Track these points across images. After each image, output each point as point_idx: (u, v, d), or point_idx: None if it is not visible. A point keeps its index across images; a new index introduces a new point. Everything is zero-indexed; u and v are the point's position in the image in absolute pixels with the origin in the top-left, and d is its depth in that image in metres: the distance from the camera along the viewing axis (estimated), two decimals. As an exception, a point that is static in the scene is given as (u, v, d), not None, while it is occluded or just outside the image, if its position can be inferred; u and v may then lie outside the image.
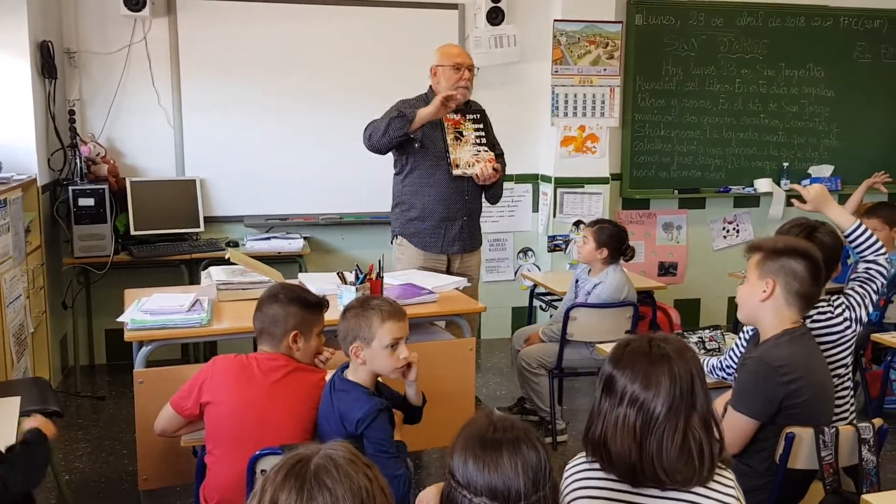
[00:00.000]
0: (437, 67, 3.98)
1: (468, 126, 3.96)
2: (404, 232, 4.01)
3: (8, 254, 3.72)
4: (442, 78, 3.93)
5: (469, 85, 3.92)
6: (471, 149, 3.92)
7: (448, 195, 3.92)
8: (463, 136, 3.93)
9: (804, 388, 2.33)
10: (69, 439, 3.97)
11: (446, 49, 4.04)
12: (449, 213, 3.95)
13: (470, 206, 4.02)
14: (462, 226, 3.99)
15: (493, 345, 5.35)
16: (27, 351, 3.98)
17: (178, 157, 4.88)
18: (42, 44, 4.34)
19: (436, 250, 3.98)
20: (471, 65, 3.96)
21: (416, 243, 3.99)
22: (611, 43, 5.21)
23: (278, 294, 2.48)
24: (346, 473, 1.24)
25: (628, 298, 3.92)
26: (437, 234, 3.96)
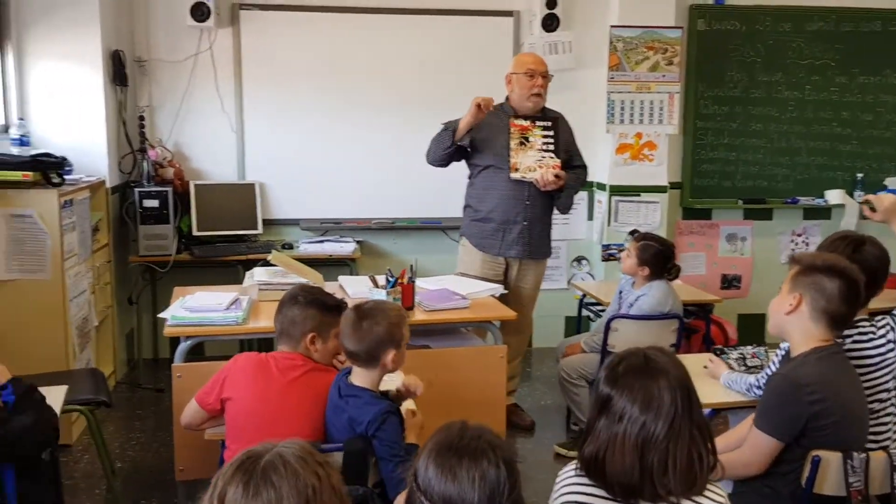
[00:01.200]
0: (511, 75, 4.03)
1: (536, 132, 3.94)
2: (467, 232, 4.10)
3: (73, 251, 3.95)
4: (516, 85, 3.98)
5: (542, 92, 3.95)
6: (535, 154, 3.92)
7: (508, 198, 3.95)
8: (528, 142, 3.93)
9: (831, 410, 2.25)
10: (126, 429, 4.18)
11: (520, 57, 4.12)
12: (508, 217, 3.97)
13: (530, 212, 3.99)
14: (521, 230, 3.99)
15: (544, 354, 5.33)
16: (90, 343, 4.21)
17: (239, 162, 5.07)
18: (114, 53, 4.58)
19: (494, 252, 4.02)
20: (545, 72, 3.98)
21: (476, 244, 4.05)
22: (670, 49, 5.12)
23: (297, 296, 2.55)
24: (294, 471, 1.26)
25: (673, 311, 3.85)
26: (496, 236, 4.00)
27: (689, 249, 5.62)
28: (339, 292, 3.50)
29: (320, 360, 2.55)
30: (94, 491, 3.51)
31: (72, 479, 3.57)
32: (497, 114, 3.94)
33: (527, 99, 3.93)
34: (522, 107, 3.96)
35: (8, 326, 3.65)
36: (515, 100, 3.98)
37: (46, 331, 3.76)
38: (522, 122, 3.94)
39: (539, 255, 4.14)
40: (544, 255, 4.18)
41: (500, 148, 3.92)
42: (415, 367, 3.03)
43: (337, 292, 3.48)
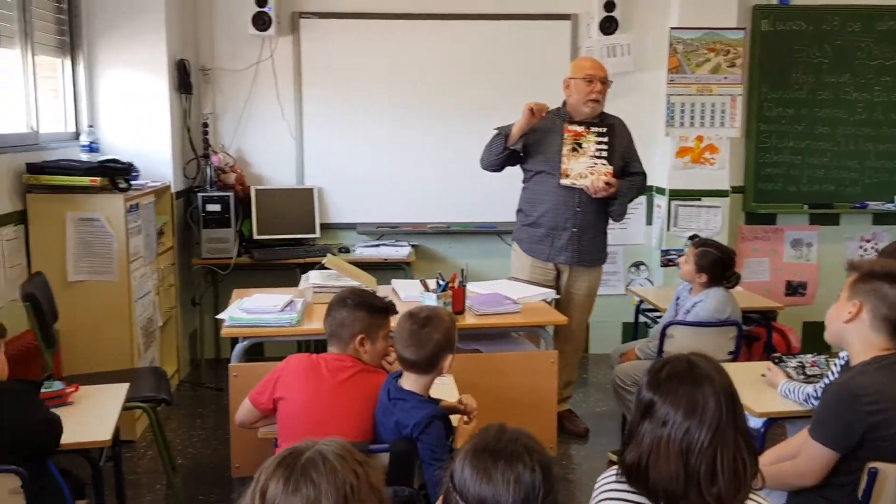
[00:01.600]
0: (569, 80, 3.98)
1: (590, 138, 3.88)
2: (518, 237, 4.11)
3: (139, 253, 4.08)
4: (574, 90, 3.95)
5: (600, 98, 3.91)
6: (587, 160, 3.87)
7: (558, 204, 3.92)
8: (581, 148, 3.88)
9: (891, 420, 2.17)
10: (188, 426, 4.29)
11: (579, 61, 4.09)
12: (557, 223, 3.94)
13: (581, 219, 3.95)
14: (571, 237, 3.95)
15: (600, 360, 5.28)
16: (155, 343, 4.35)
17: (298, 167, 5.17)
18: (179, 62, 4.73)
19: (543, 257, 4.01)
20: (604, 77, 3.93)
21: (526, 249, 4.05)
22: (732, 50, 5.02)
23: (346, 299, 2.58)
24: (333, 468, 1.28)
25: (731, 319, 3.77)
26: (545, 241, 3.98)
27: (753, 255, 5.49)
28: (391, 295, 3.54)
29: (369, 362, 2.58)
30: (155, 486, 3.61)
31: (135, 475, 3.69)
32: (552, 118, 3.93)
33: (584, 104, 3.90)
34: (579, 112, 3.92)
35: (76, 326, 3.80)
36: (573, 104, 3.95)
37: (112, 330, 3.89)
38: (576, 128, 3.90)
39: (590, 262, 4.08)
40: (597, 262, 4.12)
41: (553, 153, 3.89)
42: (465, 370, 3.06)
43: (389, 295, 3.53)
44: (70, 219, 3.79)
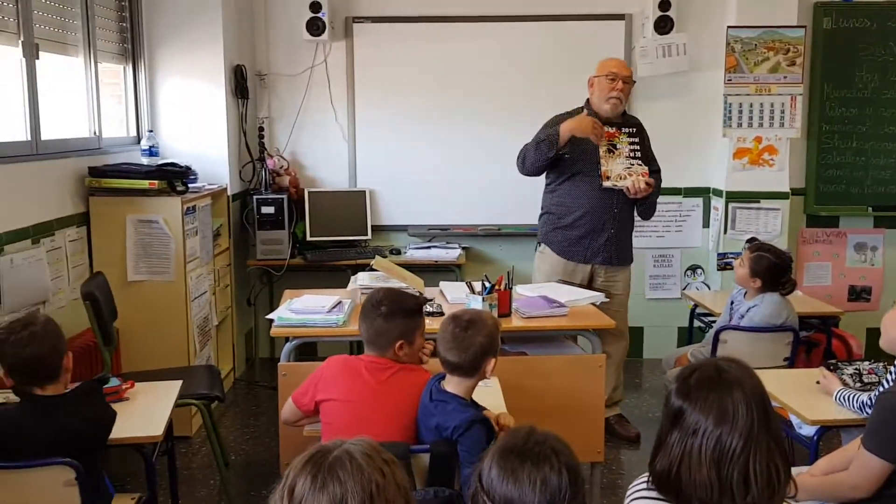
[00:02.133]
0: (593, 78, 4.01)
1: (623, 139, 3.92)
2: (548, 240, 4.05)
3: (196, 254, 4.19)
4: (596, 88, 3.97)
5: (621, 95, 3.91)
6: (623, 161, 3.89)
7: (597, 206, 3.91)
8: (616, 149, 3.90)
9: (949, 431, 2.11)
10: (242, 424, 4.39)
11: (604, 61, 4.06)
12: (596, 225, 3.93)
13: (618, 220, 3.97)
14: (608, 238, 3.95)
15: (654, 365, 5.20)
16: (210, 342, 4.45)
17: (350, 170, 5.24)
18: (236, 67, 4.84)
19: (578, 259, 3.98)
20: (627, 76, 3.94)
21: (558, 251, 4.01)
22: (792, 49, 4.89)
23: (380, 306, 2.56)
24: (359, 467, 1.30)
25: (787, 324, 3.68)
26: (581, 243, 3.96)
27: (814, 259, 5.34)
28: (438, 297, 3.56)
29: (408, 361, 2.60)
30: (208, 481, 3.70)
31: (189, 470, 3.78)
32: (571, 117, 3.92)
33: (605, 101, 3.90)
34: (600, 109, 3.94)
35: (135, 324, 3.91)
36: (595, 102, 3.97)
37: (169, 329, 4.00)
38: (609, 129, 3.91)
39: (625, 262, 4.09)
40: (629, 260, 4.13)
41: (588, 155, 3.88)
42: (511, 373, 3.06)
43: (437, 297, 3.55)
44: (130, 221, 3.91)
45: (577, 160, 3.90)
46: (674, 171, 5.24)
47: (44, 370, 2.26)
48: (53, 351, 2.27)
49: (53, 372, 2.28)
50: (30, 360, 2.24)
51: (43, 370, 2.26)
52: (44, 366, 2.26)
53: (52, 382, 2.28)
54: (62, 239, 3.64)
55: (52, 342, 2.27)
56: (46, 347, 2.25)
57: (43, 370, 2.26)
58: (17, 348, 2.23)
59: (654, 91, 5.16)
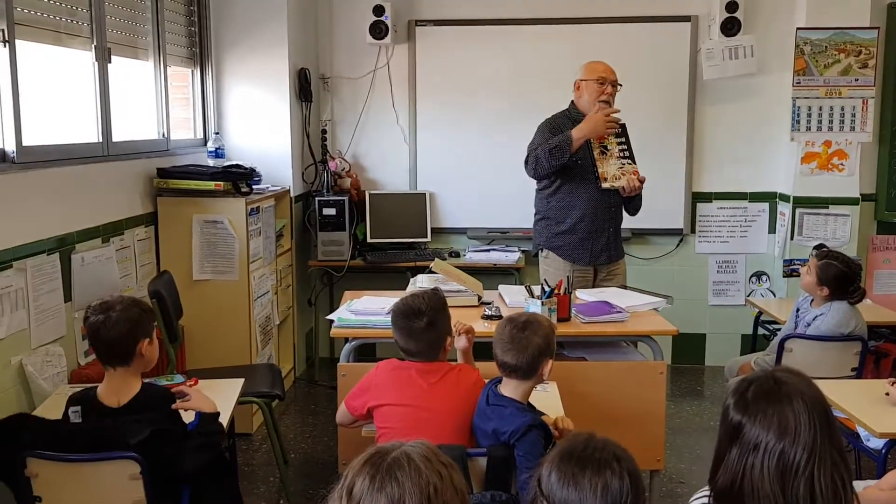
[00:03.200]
0: (580, 81, 4.01)
1: (612, 140, 3.93)
2: (551, 245, 4.04)
3: (259, 255, 4.27)
4: (585, 92, 3.98)
5: (610, 99, 3.93)
6: (616, 162, 3.92)
7: (596, 208, 3.94)
8: (608, 150, 3.92)
9: None
10: (301, 423, 4.45)
11: (591, 64, 4.06)
12: (596, 226, 3.95)
13: (615, 218, 4.03)
14: (609, 237, 4.00)
15: (717, 372, 5.09)
16: (272, 341, 4.53)
17: (411, 172, 5.27)
18: (300, 71, 4.91)
19: (584, 262, 3.99)
20: (615, 80, 3.98)
21: (564, 255, 4.00)
22: (864, 50, 4.75)
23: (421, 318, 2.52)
24: (417, 469, 1.30)
25: (856, 333, 3.56)
26: (585, 246, 3.97)
27: (885, 267, 5.16)
28: (497, 301, 3.55)
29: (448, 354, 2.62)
30: (268, 478, 3.76)
31: (249, 467, 3.85)
32: (565, 122, 3.96)
33: (595, 105, 3.91)
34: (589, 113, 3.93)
35: (200, 322, 4.00)
36: (584, 106, 3.97)
37: (232, 328, 4.08)
38: None
39: (621, 255, 4.14)
40: (622, 255, 4.15)
41: (584, 158, 3.89)
42: (570, 379, 3.04)
43: (495, 301, 3.54)
44: (196, 221, 4.01)
45: (573, 166, 3.90)
46: (740, 175, 5.17)
47: (117, 353, 2.35)
48: (127, 337, 2.34)
49: (126, 356, 2.35)
50: (104, 343, 2.35)
51: (116, 353, 2.35)
52: (116, 349, 2.34)
53: (123, 365, 2.35)
54: (131, 238, 3.75)
55: (127, 328, 2.33)
56: (119, 333, 2.32)
57: (116, 353, 2.35)
58: (93, 330, 2.36)
59: (719, 94, 5.07)
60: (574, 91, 4.04)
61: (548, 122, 4.01)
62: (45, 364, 3.00)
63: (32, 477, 2.28)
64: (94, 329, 2.35)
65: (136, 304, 2.43)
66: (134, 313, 2.37)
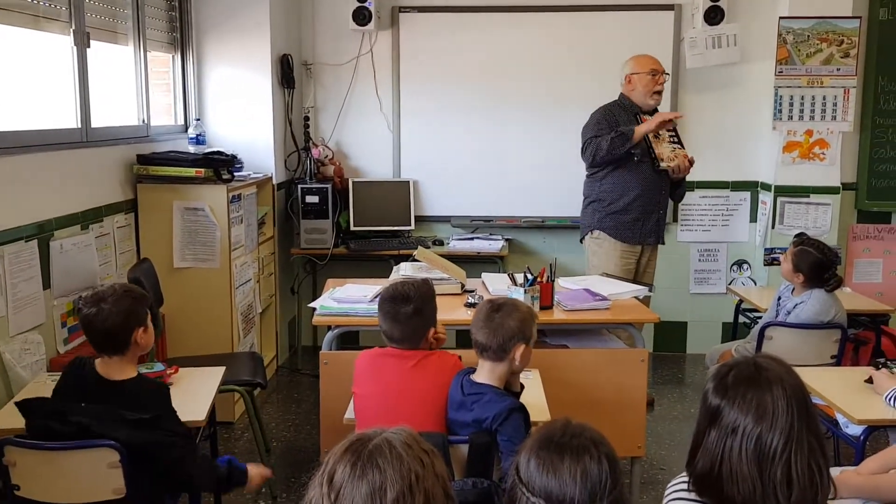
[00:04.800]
0: (632, 76, 4.23)
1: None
2: (603, 226, 4.24)
3: (240, 242, 4.24)
4: (638, 84, 4.21)
5: (662, 90, 4.22)
6: (668, 146, 4.17)
7: (650, 189, 4.16)
8: (660, 136, 4.16)
9: None
10: (283, 411, 4.44)
11: (640, 58, 4.27)
12: (649, 206, 4.19)
13: (665, 200, 4.28)
14: (658, 218, 4.23)
15: (698, 360, 5.12)
16: (254, 329, 4.51)
17: (395, 160, 5.25)
18: (282, 57, 4.87)
19: (633, 241, 4.21)
20: (664, 70, 4.24)
21: (615, 235, 4.21)
22: (846, 40, 4.77)
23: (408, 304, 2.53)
24: (399, 456, 1.30)
25: (835, 321, 3.59)
26: (636, 225, 4.20)
27: (865, 255, 5.21)
28: (480, 289, 3.55)
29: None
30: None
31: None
32: (619, 111, 4.20)
33: (650, 97, 4.18)
34: (645, 104, 4.20)
35: (180, 310, 3.97)
36: (638, 98, 4.20)
37: (214, 316, 4.05)
38: (648, 117, 4.17)
39: (663, 239, 4.37)
40: (663, 237, 4.39)
41: (637, 147, 4.09)
42: (552, 366, 3.05)
43: (479, 289, 3.54)
44: (177, 208, 3.97)
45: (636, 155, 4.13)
46: (721, 164, 5.20)
47: (112, 344, 2.36)
48: (120, 327, 2.34)
49: (121, 346, 2.36)
50: (98, 334, 2.35)
51: (111, 344, 2.36)
52: (111, 340, 2.35)
53: (119, 355, 2.36)
54: (110, 225, 3.71)
55: (121, 319, 2.33)
56: (112, 324, 2.33)
57: (111, 344, 2.36)
58: (86, 322, 2.36)
59: (702, 83, 5.09)
60: (625, 84, 4.25)
61: (603, 111, 4.23)
62: (23, 352, 2.97)
63: (10, 466, 2.26)
64: (87, 321, 2.35)
65: (129, 293, 2.42)
66: (126, 303, 2.36)
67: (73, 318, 3.32)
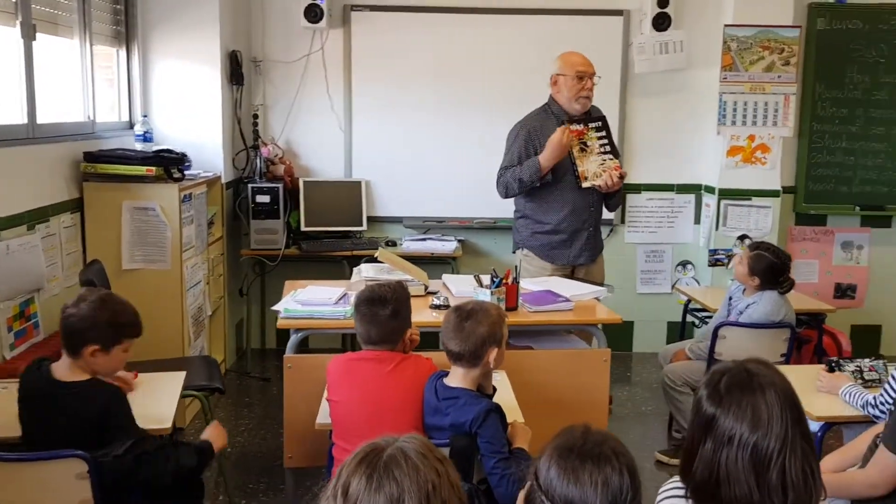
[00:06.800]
0: (558, 76, 3.91)
1: (591, 135, 3.88)
2: (530, 244, 3.99)
3: (191, 243, 4.13)
4: (563, 87, 3.89)
5: (591, 94, 3.88)
6: (596, 158, 3.87)
7: (576, 208, 3.90)
8: (587, 147, 3.86)
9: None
10: (235, 415, 4.34)
11: (568, 57, 3.95)
12: (577, 226, 3.92)
13: (594, 217, 3.99)
14: (588, 237, 3.96)
15: (645, 359, 5.24)
16: (204, 332, 4.40)
17: (346, 160, 5.19)
18: (231, 53, 4.76)
19: (563, 262, 3.96)
20: (593, 73, 3.90)
21: (543, 256, 3.96)
22: (787, 48, 4.94)
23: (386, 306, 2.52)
24: (415, 466, 1.28)
25: (785, 321, 3.72)
26: (564, 245, 3.94)
27: (802, 256, 5.41)
28: (443, 290, 3.54)
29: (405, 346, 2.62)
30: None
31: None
32: (545, 119, 3.90)
33: (575, 101, 3.86)
34: (570, 108, 3.89)
35: (130, 313, 3.83)
36: (563, 102, 3.91)
37: (164, 318, 3.92)
38: (577, 127, 3.85)
39: (600, 252, 4.10)
40: (601, 250, 4.12)
41: (563, 160, 3.82)
42: (518, 367, 3.06)
43: (441, 290, 3.53)
44: (126, 208, 3.84)
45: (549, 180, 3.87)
46: (667, 167, 5.31)
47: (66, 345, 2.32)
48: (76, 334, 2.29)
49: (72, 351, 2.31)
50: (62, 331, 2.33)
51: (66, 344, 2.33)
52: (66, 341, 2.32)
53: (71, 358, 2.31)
54: (57, 225, 3.56)
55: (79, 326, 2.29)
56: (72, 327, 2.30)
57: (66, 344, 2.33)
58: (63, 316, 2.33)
59: (650, 87, 5.19)
60: (551, 86, 3.95)
61: (524, 127, 3.92)
62: (-32, 358, 2.84)
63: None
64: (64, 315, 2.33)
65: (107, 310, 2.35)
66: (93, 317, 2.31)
67: (18, 322, 3.19)
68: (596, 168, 3.84)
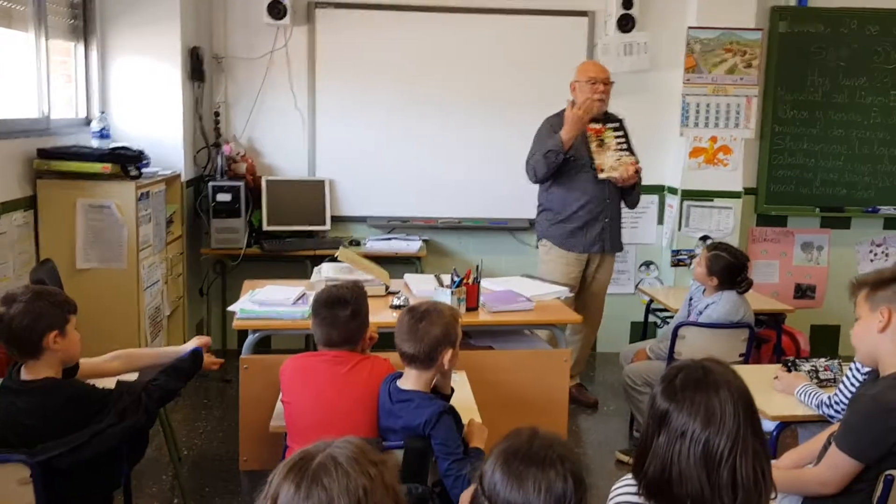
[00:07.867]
0: (574, 83, 4.29)
1: (609, 133, 4.24)
2: (549, 234, 4.32)
3: (148, 242, 4.05)
4: (579, 92, 4.23)
5: (604, 97, 4.21)
6: (613, 154, 4.21)
7: (592, 198, 4.21)
8: (605, 143, 4.22)
9: (920, 434, 2.15)
10: (192, 418, 4.27)
11: (583, 65, 4.37)
12: (592, 216, 4.24)
13: (610, 209, 4.28)
14: (603, 227, 4.27)
15: (608, 358, 5.25)
16: (162, 332, 4.32)
17: (310, 158, 5.14)
18: (192, 50, 4.69)
19: (578, 250, 4.27)
20: (606, 78, 4.25)
21: (559, 244, 4.28)
22: (749, 51, 4.98)
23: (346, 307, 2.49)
24: (345, 473, 1.25)
25: (744, 321, 3.75)
26: (579, 234, 4.25)
27: (763, 257, 5.47)
28: (404, 290, 3.52)
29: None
30: (160, 476, 3.59)
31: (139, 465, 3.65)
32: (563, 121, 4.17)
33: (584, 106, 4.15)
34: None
35: (85, 314, 3.68)
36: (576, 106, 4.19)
37: (120, 319, 3.85)
38: (595, 126, 4.19)
39: (616, 249, 4.42)
40: (619, 247, 4.45)
41: (580, 152, 4.15)
42: (477, 368, 3.05)
43: (402, 290, 3.51)
44: (81, 205, 3.75)
45: (571, 157, 4.15)
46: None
47: (18, 347, 2.24)
48: (27, 330, 2.21)
49: (32, 350, 2.24)
50: (5, 336, 2.23)
51: (17, 346, 2.24)
52: (17, 343, 2.24)
53: (33, 359, 2.25)
54: (8, 224, 3.47)
55: (28, 321, 2.21)
56: (18, 325, 2.21)
57: (17, 346, 2.24)
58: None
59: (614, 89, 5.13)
60: (571, 92, 4.28)
61: (547, 122, 4.28)
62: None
63: None
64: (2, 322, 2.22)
65: (43, 296, 2.28)
66: (37, 305, 2.23)
67: (-33, 323, 3.09)
68: (613, 162, 4.17)
